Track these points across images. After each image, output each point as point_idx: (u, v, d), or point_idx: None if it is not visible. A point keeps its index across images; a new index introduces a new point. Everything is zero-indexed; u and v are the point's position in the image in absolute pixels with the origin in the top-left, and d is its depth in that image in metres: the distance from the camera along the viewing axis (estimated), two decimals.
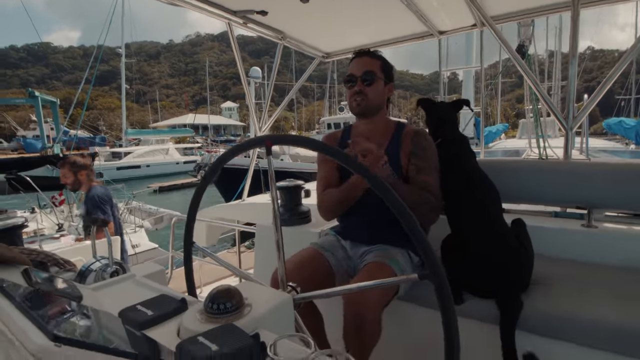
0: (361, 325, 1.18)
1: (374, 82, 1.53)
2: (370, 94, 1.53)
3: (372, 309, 1.20)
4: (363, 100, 1.52)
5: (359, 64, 1.55)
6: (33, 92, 21.03)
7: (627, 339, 1.08)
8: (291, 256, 1.46)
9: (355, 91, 1.53)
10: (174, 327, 0.61)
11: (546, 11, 2.21)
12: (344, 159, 0.76)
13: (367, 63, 1.54)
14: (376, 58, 1.56)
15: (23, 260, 0.96)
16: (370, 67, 1.52)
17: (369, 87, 1.52)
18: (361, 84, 1.52)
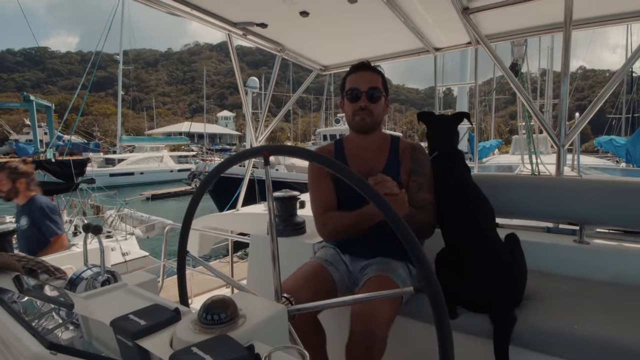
0: (371, 343, 1.14)
1: (378, 99, 1.50)
2: (375, 110, 1.49)
3: (382, 325, 1.17)
4: (369, 117, 1.48)
5: (363, 78, 1.50)
6: (28, 96, 20.89)
7: (617, 354, 1.08)
8: (295, 271, 1.44)
9: (360, 107, 1.48)
10: (167, 337, 0.60)
11: (539, 31, 2.27)
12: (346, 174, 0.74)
13: (372, 79, 1.50)
14: (378, 73, 1.53)
15: (14, 266, 0.94)
16: (375, 83, 1.49)
17: (373, 104, 1.49)
18: (366, 100, 1.47)
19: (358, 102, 1.48)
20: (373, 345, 1.14)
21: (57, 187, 6.32)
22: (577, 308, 1.30)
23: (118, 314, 0.64)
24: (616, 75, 1.88)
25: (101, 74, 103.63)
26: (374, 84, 1.48)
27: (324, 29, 2.41)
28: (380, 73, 1.53)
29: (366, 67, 1.52)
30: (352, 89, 1.49)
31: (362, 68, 1.52)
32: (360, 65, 1.54)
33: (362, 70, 1.52)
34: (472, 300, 1.33)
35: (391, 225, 0.68)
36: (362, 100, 1.47)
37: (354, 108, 1.50)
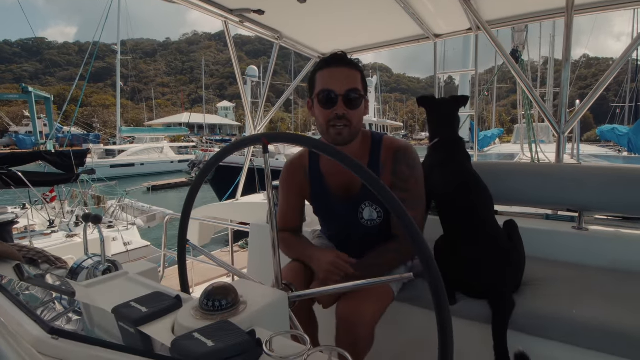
0: (356, 341, 1.14)
1: (359, 104, 1.21)
2: (354, 118, 1.20)
3: (367, 326, 1.16)
4: (346, 128, 1.19)
5: (339, 76, 1.18)
6: (27, 87, 20.83)
7: (615, 339, 1.09)
8: (291, 261, 1.43)
9: (337, 115, 1.17)
10: (168, 323, 0.60)
11: (540, 17, 2.24)
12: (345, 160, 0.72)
13: (350, 77, 1.19)
14: (356, 69, 1.22)
15: (15, 255, 0.95)
16: (354, 84, 1.19)
17: (353, 111, 1.19)
18: (344, 107, 1.17)
19: (333, 109, 1.18)
20: (358, 342, 1.15)
21: (57, 178, 6.34)
22: (575, 293, 1.31)
23: (120, 302, 0.64)
24: (616, 63, 1.86)
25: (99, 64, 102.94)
26: (353, 85, 1.18)
27: (322, 16, 2.37)
28: (359, 68, 1.23)
29: (342, 62, 1.20)
30: (325, 90, 1.18)
31: (336, 63, 1.20)
32: (334, 58, 1.21)
33: (337, 66, 1.19)
34: (471, 286, 1.34)
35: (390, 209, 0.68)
36: (338, 106, 1.17)
37: (327, 116, 1.19)
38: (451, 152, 1.56)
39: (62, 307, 0.84)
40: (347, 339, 1.16)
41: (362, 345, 1.16)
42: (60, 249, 4.72)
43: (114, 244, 5.50)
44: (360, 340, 1.15)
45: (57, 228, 5.57)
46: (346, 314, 1.18)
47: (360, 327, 1.16)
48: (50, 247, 4.55)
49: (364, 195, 1.32)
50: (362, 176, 0.70)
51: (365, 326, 1.16)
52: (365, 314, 1.17)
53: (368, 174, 0.70)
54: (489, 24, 2.25)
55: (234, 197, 3.40)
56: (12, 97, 30.38)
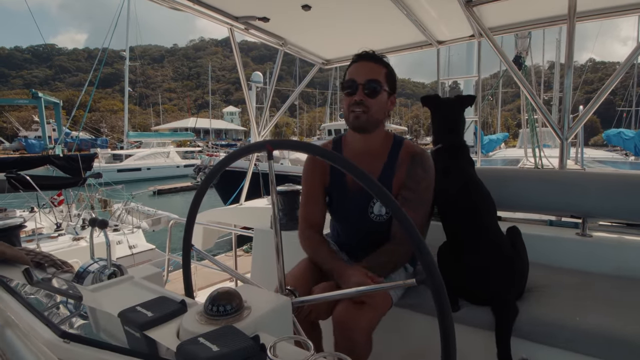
0: (352, 349, 1.15)
1: (378, 94, 1.32)
2: (372, 106, 1.32)
3: (363, 331, 1.17)
4: (364, 114, 1.32)
5: (362, 69, 1.33)
6: (36, 92, 21.12)
7: (619, 346, 1.09)
8: (294, 266, 1.44)
9: (355, 101, 1.32)
10: (173, 328, 0.61)
11: (543, 24, 2.25)
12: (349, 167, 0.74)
13: (372, 70, 1.33)
14: (382, 64, 1.35)
15: (24, 259, 0.96)
16: (375, 75, 1.32)
17: (371, 99, 1.32)
18: (362, 94, 1.31)
19: (353, 96, 1.32)
20: (354, 348, 1.15)
21: (65, 182, 6.41)
22: (579, 300, 1.31)
23: (125, 306, 0.65)
24: (620, 68, 1.86)
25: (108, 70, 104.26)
26: (374, 76, 1.32)
27: (326, 23, 2.40)
28: (384, 64, 1.36)
29: (367, 57, 1.35)
30: (349, 80, 1.34)
31: (362, 58, 1.36)
32: (361, 54, 1.37)
33: (362, 61, 1.35)
34: (474, 293, 1.33)
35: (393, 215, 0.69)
36: (358, 93, 1.31)
37: (349, 102, 1.34)
38: (454, 159, 1.55)
39: (67, 311, 0.85)
40: (344, 345, 1.17)
41: (359, 350, 1.16)
42: (67, 252, 4.76)
43: (119, 247, 5.55)
44: (357, 345, 1.16)
45: (63, 231, 5.63)
46: (342, 320, 1.19)
47: (357, 333, 1.16)
48: (57, 251, 4.59)
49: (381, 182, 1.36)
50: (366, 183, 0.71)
51: (362, 331, 1.17)
52: (361, 320, 1.17)
53: (370, 179, 0.71)
54: (491, 30, 2.26)
55: (238, 202, 3.42)
56: (22, 103, 30.85)
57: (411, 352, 1.48)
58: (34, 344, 0.49)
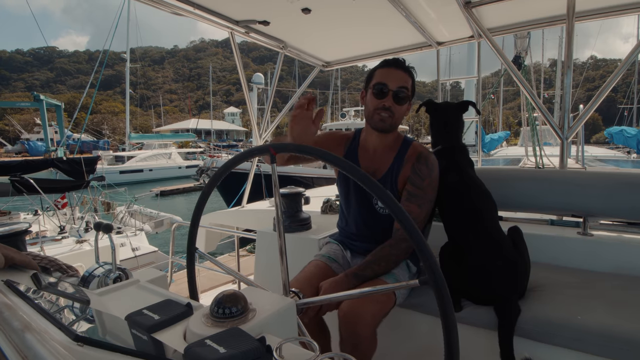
0: (357, 344, 1.18)
1: (405, 102, 1.41)
2: (398, 113, 1.41)
3: (367, 326, 1.20)
4: (390, 118, 1.40)
5: (394, 75, 1.39)
6: (38, 95, 21.19)
7: (621, 344, 1.09)
8: (300, 271, 1.46)
9: (385, 106, 1.38)
10: (180, 330, 0.62)
11: (541, 24, 2.25)
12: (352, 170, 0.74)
13: (403, 78, 1.40)
14: (409, 74, 1.42)
15: (32, 264, 0.97)
16: (405, 83, 1.39)
17: (399, 106, 1.40)
18: (392, 100, 1.38)
19: (383, 100, 1.39)
20: (359, 344, 1.18)
21: (68, 185, 6.45)
22: (580, 299, 1.31)
23: (132, 309, 0.66)
24: (620, 67, 1.86)
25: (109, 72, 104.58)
26: (404, 84, 1.39)
27: (325, 26, 2.41)
28: (411, 74, 1.44)
29: (400, 65, 1.42)
30: (380, 83, 1.39)
31: (395, 64, 1.41)
32: (394, 61, 1.43)
33: (395, 67, 1.41)
34: (477, 293, 1.34)
35: (394, 217, 0.69)
36: (387, 98, 1.38)
37: (376, 105, 1.40)
38: (454, 159, 1.57)
39: (72, 315, 0.86)
40: (349, 339, 1.19)
41: (364, 346, 1.19)
42: (70, 256, 4.78)
43: (122, 249, 5.56)
44: (362, 340, 1.18)
45: (67, 234, 5.66)
46: (347, 315, 1.22)
47: (361, 327, 1.19)
48: (61, 254, 4.61)
49: (383, 184, 1.41)
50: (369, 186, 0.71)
51: (366, 326, 1.19)
52: (365, 314, 1.20)
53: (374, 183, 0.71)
54: (490, 31, 2.27)
55: (240, 204, 3.44)
56: (24, 105, 30.97)
57: (415, 352, 1.49)
58: (53, 347, 0.50)
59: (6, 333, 0.55)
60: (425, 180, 1.40)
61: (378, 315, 1.25)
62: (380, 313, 1.26)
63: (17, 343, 0.52)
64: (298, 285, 1.34)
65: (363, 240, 1.52)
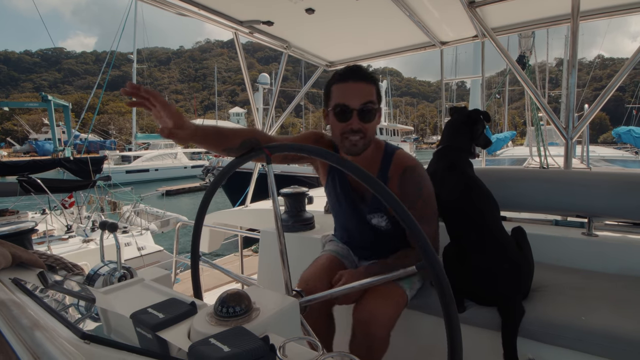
0: (372, 344, 1.16)
1: (374, 117, 1.23)
2: (369, 130, 1.23)
3: (382, 328, 1.18)
4: (361, 140, 1.22)
5: (353, 91, 1.20)
6: (46, 96, 21.42)
7: (625, 346, 1.08)
8: (310, 264, 1.44)
9: (352, 129, 1.21)
10: (184, 329, 0.63)
11: (546, 23, 2.24)
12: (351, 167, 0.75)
13: (365, 91, 1.21)
14: (372, 82, 1.23)
15: (39, 263, 0.99)
16: (369, 96, 1.21)
17: (368, 124, 1.22)
18: (358, 121, 1.20)
19: (348, 123, 1.21)
20: (373, 346, 1.16)
21: (75, 185, 6.52)
22: (585, 300, 1.30)
23: (137, 308, 0.67)
24: (625, 65, 1.84)
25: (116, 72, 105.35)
26: (368, 98, 1.20)
27: (329, 26, 2.42)
28: (373, 80, 1.24)
29: (357, 76, 1.21)
30: (341, 105, 1.20)
31: (352, 77, 1.21)
32: (350, 72, 1.22)
33: (352, 80, 1.21)
34: (480, 294, 1.34)
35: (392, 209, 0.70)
36: (353, 120, 1.20)
37: (343, 129, 1.23)
38: (453, 159, 1.58)
39: (77, 313, 0.87)
40: (363, 342, 1.18)
41: (378, 348, 1.18)
42: (76, 254, 4.84)
43: (128, 248, 5.61)
44: (377, 342, 1.17)
45: (74, 233, 5.72)
46: (363, 317, 1.20)
47: (378, 329, 1.17)
48: (67, 253, 4.67)
49: (374, 209, 1.35)
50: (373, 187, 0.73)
51: (382, 328, 1.18)
52: (381, 317, 1.19)
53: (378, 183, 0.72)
54: (494, 31, 2.25)
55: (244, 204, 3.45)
56: (33, 105, 31.32)
57: (419, 353, 1.49)
58: (61, 344, 0.51)
59: (16, 331, 0.55)
60: (418, 202, 1.25)
61: (394, 317, 1.23)
62: (395, 315, 1.24)
63: (26, 340, 0.52)
64: (308, 279, 1.32)
65: (371, 249, 1.49)
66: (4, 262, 0.87)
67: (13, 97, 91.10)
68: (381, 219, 1.36)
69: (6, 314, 0.61)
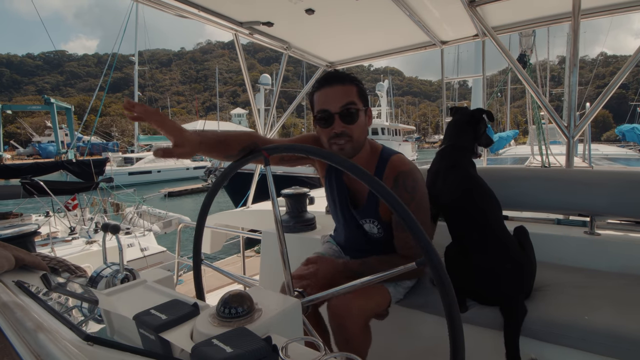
0: (348, 338, 1.16)
1: (357, 117, 1.21)
2: (355, 133, 1.22)
3: (355, 319, 1.18)
4: (347, 143, 1.22)
5: (332, 95, 1.20)
6: (49, 98, 21.50)
7: (629, 345, 1.08)
8: (299, 265, 1.43)
9: (336, 133, 1.20)
10: (187, 330, 0.63)
11: (547, 22, 2.23)
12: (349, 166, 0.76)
13: (344, 93, 1.20)
14: (351, 83, 1.23)
15: (42, 265, 1.00)
16: (348, 97, 1.20)
17: (352, 125, 1.21)
18: (341, 123, 1.19)
19: (331, 127, 1.21)
20: (350, 339, 1.16)
21: (77, 187, 6.55)
22: (587, 299, 1.30)
23: (140, 309, 0.67)
24: (627, 63, 1.83)
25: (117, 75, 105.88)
26: (348, 99, 1.20)
27: (329, 26, 2.42)
28: (354, 82, 1.24)
29: (334, 80, 1.22)
30: (321, 111, 1.21)
31: (328, 82, 1.22)
32: (326, 78, 1.23)
33: (329, 85, 1.21)
34: (482, 294, 1.34)
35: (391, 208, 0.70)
36: (335, 124, 1.20)
37: (327, 134, 1.22)
38: (456, 158, 1.57)
39: (80, 315, 0.88)
40: (340, 335, 1.18)
41: (355, 340, 1.17)
42: (79, 256, 4.86)
43: (131, 250, 5.63)
44: (352, 335, 1.17)
45: (77, 235, 5.75)
46: (335, 310, 1.20)
47: (349, 321, 1.17)
48: (70, 255, 4.69)
49: (366, 214, 1.35)
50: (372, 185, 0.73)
51: (355, 320, 1.17)
52: (353, 308, 1.18)
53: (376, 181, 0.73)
54: (495, 29, 2.25)
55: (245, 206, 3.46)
56: (35, 108, 31.47)
57: (420, 352, 1.49)
58: (64, 346, 0.52)
59: (19, 333, 0.56)
60: (410, 205, 1.22)
61: (366, 309, 1.22)
62: (368, 307, 1.23)
63: (30, 343, 0.53)
64: (300, 280, 1.32)
65: (354, 250, 1.48)
66: (7, 265, 0.88)
67: (16, 100, 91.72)
68: (372, 225, 1.36)
69: (10, 317, 0.62)
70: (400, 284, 1.41)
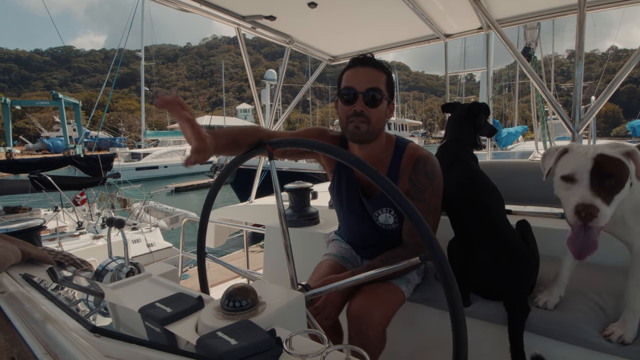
0: (366, 343, 1.16)
1: (379, 103, 1.22)
2: (373, 117, 1.22)
3: (376, 326, 1.18)
4: (364, 124, 1.22)
5: (362, 76, 1.22)
6: (57, 94, 21.67)
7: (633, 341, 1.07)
8: (314, 270, 1.43)
9: (355, 111, 1.21)
10: (192, 323, 0.64)
11: (552, 14, 2.20)
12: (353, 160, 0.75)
13: (373, 77, 1.22)
14: (382, 70, 1.24)
15: (48, 259, 1.02)
16: (376, 83, 1.21)
17: (372, 109, 1.22)
18: (363, 104, 1.21)
19: (353, 106, 1.22)
20: (368, 344, 1.16)
21: (85, 182, 6.63)
22: (591, 294, 1.29)
23: (145, 302, 0.69)
24: (632, 57, 1.80)
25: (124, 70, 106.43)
26: (375, 84, 1.21)
27: (332, 20, 2.41)
28: (385, 70, 1.25)
29: (367, 62, 1.24)
30: (347, 88, 1.22)
31: (362, 63, 1.24)
32: (361, 59, 1.25)
33: (361, 66, 1.23)
34: (486, 288, 1.34)
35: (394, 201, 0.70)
36: (357, 103, 1.21)
37: (347, 112, 1.23)
38: (457, 153, 1.58)
39: (86, 307, 0.89)
40: (358, 340, 1.18)
41: (372, 346, 1.18)
42: (85, 251, 4.93)
43: (138, 245, 5.70)
44: (371, 340, 1.17)
45: (85, 230, 5.83)
46: (356, 315, 1.20)
47: (370, 327, 1.17)
48: (76, 249, 4.75)
49: (380, 205, 1.34)
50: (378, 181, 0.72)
51: (376, 326, 1.18)
52: (374, 315, 1.18)
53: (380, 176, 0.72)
54: (499, 22, 2.22)
55: None
56: (44, 104, 31.80)
57: (424, 346, 1.49)
58: (72, 337, 0.53)
59: (28, 324, 0.57)
60: (426, 191, 1.25)
61: (387, 315, 1.23)
62: (389, 313, 1.24)
63: (38, 333, 0.54)
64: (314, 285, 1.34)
65: (373, 246, 1.46)
66: (14, 259, 0.90)
67: (25, 95, 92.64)
68: (389, 215, 1.34)
69: (18, 308, 0.63)
70: (411, 280, 1.40)
